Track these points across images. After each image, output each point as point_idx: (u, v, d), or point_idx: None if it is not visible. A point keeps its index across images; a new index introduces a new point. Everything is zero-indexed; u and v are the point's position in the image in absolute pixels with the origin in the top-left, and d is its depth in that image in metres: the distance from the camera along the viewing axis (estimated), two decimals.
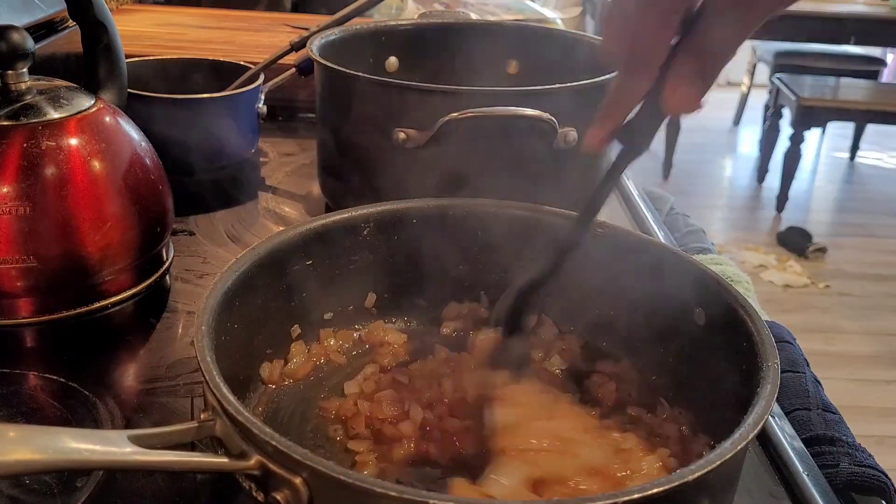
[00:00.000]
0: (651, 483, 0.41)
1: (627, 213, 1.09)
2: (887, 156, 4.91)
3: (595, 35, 1.07)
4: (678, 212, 1.24)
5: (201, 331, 0.51)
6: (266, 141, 1.24)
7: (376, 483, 0.41)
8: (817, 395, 0.75)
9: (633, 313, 0.68)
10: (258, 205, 1.06)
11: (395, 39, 1.08)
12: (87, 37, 0.80)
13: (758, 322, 0.55)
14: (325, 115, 0.96)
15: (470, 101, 0.82)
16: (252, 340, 0.63)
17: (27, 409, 0.64)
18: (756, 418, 0.46)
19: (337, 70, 0.88)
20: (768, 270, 3.43)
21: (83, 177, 0.74)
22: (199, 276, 0.86)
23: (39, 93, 0.75)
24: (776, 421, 0.68)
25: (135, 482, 0.57)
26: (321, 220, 0.68)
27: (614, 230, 0.69)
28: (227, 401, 0.45)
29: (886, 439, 2.46)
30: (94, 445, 0.42)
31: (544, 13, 2.02)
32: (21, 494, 0.55)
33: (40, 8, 1.15)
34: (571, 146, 0.86)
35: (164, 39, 1.48)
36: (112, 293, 0.78)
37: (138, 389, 0.69)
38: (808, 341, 2.79)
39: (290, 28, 1.60)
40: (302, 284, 0.67)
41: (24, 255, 0.71)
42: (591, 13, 3.98)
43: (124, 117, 0.81)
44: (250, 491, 0.46)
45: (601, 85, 0.88)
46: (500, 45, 1.09)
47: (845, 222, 4.03)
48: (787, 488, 0.61)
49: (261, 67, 1.15)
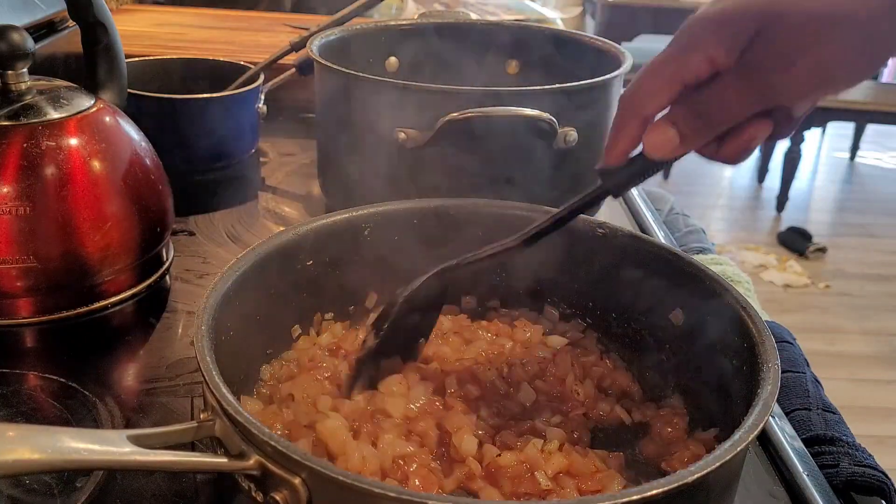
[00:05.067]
0: (651, 484, 0.41)
1: (627, 213, 1.09)
2: (887, 156, 4.91)
3: (595, 35, 1.07)
4: (678, 212, 1.24)
5: (201, 331, 0.51)
6: (266, 141, 1.24)
7: (375, 483, 0.41)
8: (817, 395, 0.75)
9: (633, 313, 0.68)
10: (258, 205, 1.06)
11: (395, 39, 1.08)
12: (87, 37, 0.80)
13: (758, 322, 0.55)
14: (325, 115, 0.96)
15: (470, 101, 0.82)
16: (252, 340, 0.63)
17: (27, 409, 0.64)
18: (756, 419, 0.46)
19: (337, 70, 0.88)
20: (768, 270, 3.43)
21: (83, 177, 0.74)
22: (199, 276, 0.86)
23: (39, 93, 0.75)
24: (776, 421, 0.68)
25: (135, 482, 0.57)
26: (321, 220, 0.68)
27: (614, 230, 0.69)
28: (227, 401, 0.45)
29: (886, 439, 2.45)
30: (94, 445, 0.42)
31: (544, 13, 2.02)
32: (21, 494, 0.55)
33: (40, 8, 1.14)
34: (571, 146, 0.86)
35: (164, 39, 1.48)
36: (112, 293, 0.79)
37: (138, 389, 0.69)
38: (808, 341, 2.79)
39: (290, 28, 1.60)
40: (302, 284, 0.67)
41: (24, 255, 0.71)
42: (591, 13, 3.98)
43: (124, 117, 0.81)
44: (249, 491, 0.46)
45: (601, 85, 0.88)
46: (500, 45, 1.09)
47: (845, 222, 4.03)
48: (787, 488, 0.61)
49: (261, 67, 1.15)
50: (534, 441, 0.56)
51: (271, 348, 0.66)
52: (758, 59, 0.47)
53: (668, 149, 0.51)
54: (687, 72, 0.49)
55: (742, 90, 0.48)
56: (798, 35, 0.45)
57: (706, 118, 0.50)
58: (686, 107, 0.50)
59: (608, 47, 0.99)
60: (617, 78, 0.90)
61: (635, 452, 0.60)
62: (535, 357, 0.67)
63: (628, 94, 0.53)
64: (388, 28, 1.08)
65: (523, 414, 0.61)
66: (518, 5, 1.99)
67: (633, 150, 0.54)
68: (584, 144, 0.87)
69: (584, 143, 0.87)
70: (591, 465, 0.55)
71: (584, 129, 0.87)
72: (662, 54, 0.51)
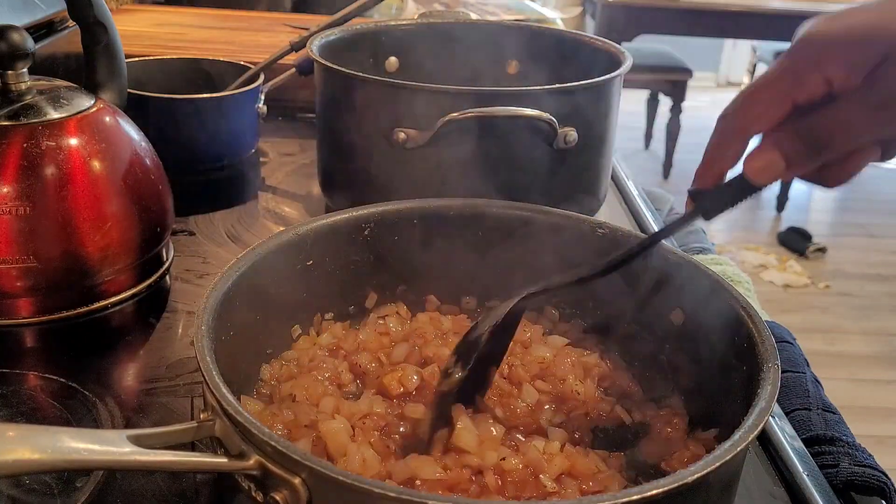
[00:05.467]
0: (651, 484, 0.41)
1: (627, 213, 1.09)
2: None
3: (595, 35, 1.07)
4: (678, 212, 1.24)
5: (201, 331, 0.51)
6: (266, 141, 1.24)
7: (375, 483, 0.41)
8: (817, 395, 0.75)
9: (633, 313, 0.68)
10: (258, 205, 1.06)
11: (395, 39, 1.08)
12: (87, 37, 0.80)
13: (758, 323, 0.55)
14: (325, 115, 0.96)
15: (470, 101, 0.82)
16: (252, 340, 0.63)
17: (27, 409, 0.64)
18: (756, 420, 0.46)
19: (337, 70, 0.88)
20: (768, 270, 3.43)
21: (83, 177, 0.74)
22: (199, 276, 0.86)
23: (39, 93, 0.75)
24: (776, 421, 0.68)
25: (135, 482, 0.57)
26: (321, 220, 0.68)
27: (614, 230, 0.69)
28: (227, 401, 0.45)
29: (886, 439, 2.45)
30: (94, 445, 0.42)
31: (544, 13, 2.02)
32: (21, 494, 0.55)
33: (40, 8, 1.14)
34: (571, 146, 0.86)
35: (164, 39, 1.48)
36: (112, 293, 0.79)
37: (138, 389, 0.69)
38: (808, 341, 2.79)
39: (290, 28, 1.60)
40: (302, 284, 0.67)
41: (24, 255, 0.71)
42: (591, 13, 3.98)
43: (124, 117, 0.81)
44: (249, 491, 0.46)
45: (601, 85, 0.88)
46: (500, 45, 1.09)
47: (845, 222, 4.03)
48: (787, 488, 0.61)
49: (261, 67, 1.15)
50: (535, 443, 0.56)
51: (271, 348, 0.66)
52: (891, 86, 0.44)
53: (773, 174, 0.48)
54: (801, 92, 0.46)
55: (862, 116, 0.45)
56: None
57: (817, 143, 0.46)
58: (794, 130, 0.47)
59: (608, 47, 0.99)
60: (617, 78, 0.90)
61: (635, 452, 0.60)
62: (536, 357, 0.67)
63: (731, 112, 0.50)
64: (388, 28, 1.08)
65: (529, 414, 0.61)
66: (518, 5, 1.99)
67: (731, 171, 0.52)
68: (584, 144, 0.87)
69: (584, 143, 0.87)
70: (593, 466, 0.55)
71: (584, 129, 0.87)
72: (773, 70, 0.48)
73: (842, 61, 0.45)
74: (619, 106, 0.95)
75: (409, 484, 0.51)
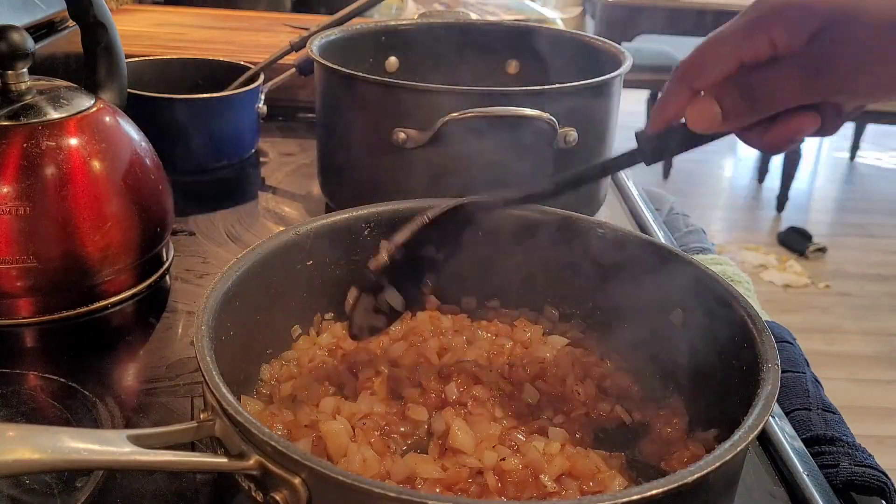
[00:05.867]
0: (651, 484, 0.41)
1: (627, 213, 1.09)
2: (887, 156, 4.90)
3: (595, 35, 1.07)
4: (678, 212, 1.24)
5: (201, 331, 0.51)
6: (266, 141, 1.24)
7: (375, 483, 0.41)
8: (817, 395, 0.75)
9: (632, 313, 0.68)
10: (258, 205, 1.06)
11: (395, 39, 1.08)
12: (87, 37, 0.80)
13: (758, 323, 0.55)
14: (325, 115, 0.96)
15: (470, 101, 0.82)
16: (252, 340, 0.63)
17: (27, 409, 0.64)
18: (756, 420, 0.46)
19: (337, 70, 0.88)
20: (768, 270, 3.43)
21: (83, 177, 0.74)
22: (199, 276, 0.86)
23: (39, 93, 0.75)
24: (776, 421, 0.68)
25: (135, 482, 0.57)
26: (321, 220, 0.68)
27: (614, 230, 0.69)
28: (227, 401, 0.45)
29: (886, 439, 2.45)
30: (94, 445, 0.42)
31: (544, 13, 2.02)
32: (21, 494, 0.55)
33: (40, 8, 1.14)
34: (571, 146, 0.86)
35: (164, 39, 1.48)
36: (112, 293, 0.79)
37: (138, 389, 0.69)
38: (808, 341, 2.79)
39: (290, 28, 1.60)
40: (302, 284, 0.67)
41: (24, 255, 0.71)
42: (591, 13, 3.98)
43: (124, 117, 0.81)
44: (249, 491, 0.46)
45: (601, 85, 0.88)
46: (500, 45, 1.09)
47: (845, 222, 4.03)
48: (787, 488, 0.61)
49: (261, 67, 1.15)
50: (535, 443, 0.56)
51: (271, 348, 0.66)
52: (828, 53, 0.46)
53: (709, 123, 0.51)
54: (747, 50, 0.49)
55: (798, 79, 0.47)
56: (877, 40, 0.45)
57: (752, 100, 0.49)
58: (735, 85, 0.50)
59: (608, 47, 0.99)
60: (617, 78, 0.90)
61: (635, 452, 0.60)
62: (536, 357, 0.67)
63: (683, 64, 0.53)
64: (388, 28, 1.08)
65: (530, 413, 0.61)
66: (518, 5, 1.99)
67: (678, 119, 0.54)
68: (584, 144, 0.87)
69: (584, 143, 0.87)
70: (593, 466, 0.55)
71: (584, 129, 0.87)
72: (725, 29, 0.50)
73: (786, 26, 0.47)
74: (619, 106, 0.95)
75: (408, 482, 0.51)
